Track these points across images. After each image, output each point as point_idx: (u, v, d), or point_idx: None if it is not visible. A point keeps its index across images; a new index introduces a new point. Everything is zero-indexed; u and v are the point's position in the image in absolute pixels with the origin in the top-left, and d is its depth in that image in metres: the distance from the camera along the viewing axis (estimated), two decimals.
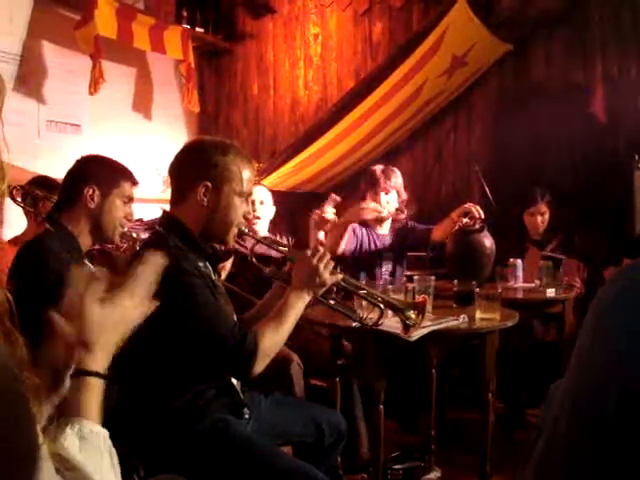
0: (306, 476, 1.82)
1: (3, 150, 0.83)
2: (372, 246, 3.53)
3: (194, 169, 1.91)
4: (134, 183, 2.31)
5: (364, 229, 3.54)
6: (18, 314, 0.83)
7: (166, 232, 1.90)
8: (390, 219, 3.58)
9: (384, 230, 3.61)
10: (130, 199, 2.29)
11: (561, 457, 0.76)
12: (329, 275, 1.93)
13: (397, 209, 3.53)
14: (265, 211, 3.45)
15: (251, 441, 1.89)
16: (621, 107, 4.16)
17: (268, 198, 3.49)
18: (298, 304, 1.90)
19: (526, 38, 4.47)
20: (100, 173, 2.22)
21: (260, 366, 1.80)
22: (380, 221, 3.56)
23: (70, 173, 2.26)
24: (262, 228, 3.42)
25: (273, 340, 1.83)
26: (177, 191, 1.97)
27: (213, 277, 1.96)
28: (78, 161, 2.27)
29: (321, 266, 1.91)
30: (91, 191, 2.19)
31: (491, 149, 4.65)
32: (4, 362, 0.72)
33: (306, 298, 1.91)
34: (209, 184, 1.88)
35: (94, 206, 2.20)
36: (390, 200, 3.51)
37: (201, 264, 1.91)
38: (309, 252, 1.94)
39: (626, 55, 4.25)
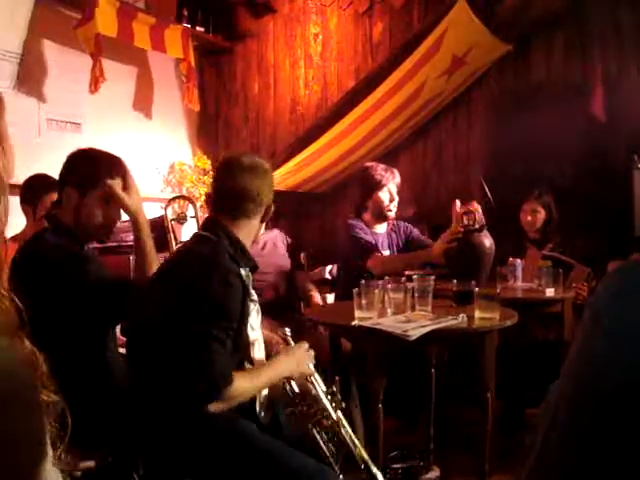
0: (316, 472, 1.83)
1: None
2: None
3: (264, 192, 2.06)
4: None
5: (365, 227, 3.57)
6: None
7: (218, 239, 2.00)
8: (387, 218, 3.62)
9: (382, 229, 3.63)
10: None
11: (557, 458, 0.76)
12: (308, 369, 2.11)
13: (388, 209, 3.56)
14: None
15: (261, 438, 1.91)
16: (621, 107, 4.16)
17: None
18: (278, 375, 2.03)
19: (526, 38, 4.47)
20: (80, 172, 2.16)
21: (215, 407, 1.83)
22: (382, 218, 3.58)
23: (60, 171, 2.22)
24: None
25: (242, 394, 1.89)
26: (239, 207, 2.05)
27: (250, 287, 2.05)
28: (67, 157, 2.21)
29: (307, 359, 2.11)
30: (69, 191, 2.15)
31: (491, 149, 4.65)
32: (21, 371, 0.71)
33: (285, 374, 2.05)
34: (270, 207, 2.10)
35: (72, 207, 2.15)
36: (393, 197, 3.54)
37: (244, 273, 2.00)
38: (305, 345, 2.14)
39: (626, 55, 4.25)
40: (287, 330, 2.29)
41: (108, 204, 2.19)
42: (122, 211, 2.26)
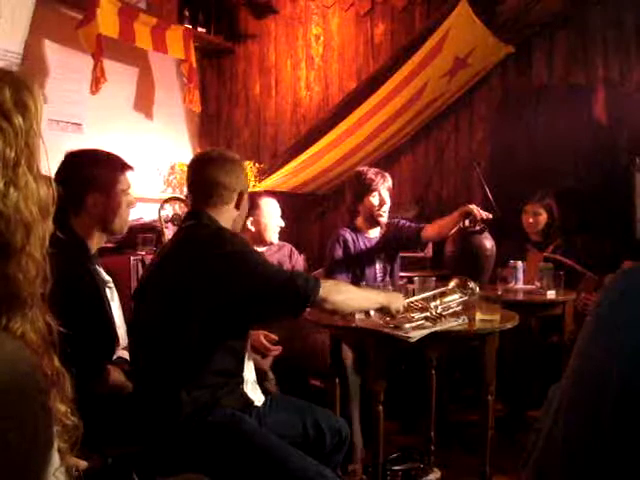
0: (317, 473, 1.84)
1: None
2: (362, 248, 3.48)
3: (233, 179, 2.20)
4: (130, 169, 2.31)
5: (353, 234, 3.49)
6: None
7: (211, 222, 2.13)
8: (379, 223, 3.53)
9: (375, 233, 3.56)
10: (128, 187, 2.29)
11: (559, 458, 0.76)
12: (401, 310, 2.31)
13: (379, 213, 3.49)
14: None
15: (263, 437, 1.92)
16: (622, 109, 4.16)
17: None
18: (377, 296, 2.29)
19: (528, 40, 4.47)
20: (99, 176, 2.20)
21: (324, 292, 1.98)
22: (375, 223, 3.51)
23: (67, 177, 2.15)
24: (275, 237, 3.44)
25: (339, 286, 2.15)
26: (214, 195, 2.18)
27: None
28: (71, 163, 2.20)
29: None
30: (95, 197, 2.18)
31: (492, 151, 4.64)
32: (33, 376, 0.71)
33: (380, 301, 2.25)
34: (242, 194, 2.23)
35: (100, 210, 2.19)
36: (384, 202, 3.47)
37: None
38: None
39: (627, 57, 4.25)
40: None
41: (127, 192, 2.28)
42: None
